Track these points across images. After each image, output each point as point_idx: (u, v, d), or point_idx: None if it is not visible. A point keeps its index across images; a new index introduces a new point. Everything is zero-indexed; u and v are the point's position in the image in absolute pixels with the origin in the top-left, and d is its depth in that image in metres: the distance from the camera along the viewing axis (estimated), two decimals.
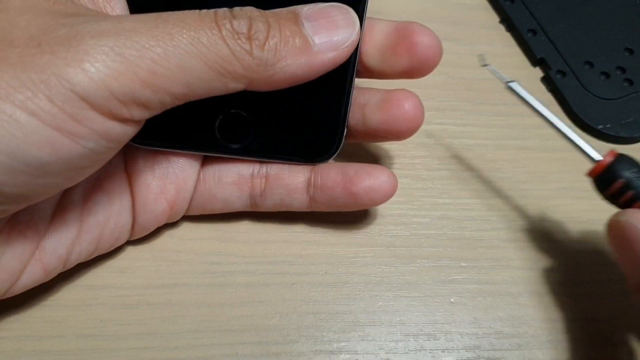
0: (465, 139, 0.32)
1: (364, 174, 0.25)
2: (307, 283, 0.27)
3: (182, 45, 0.19)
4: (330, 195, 0.25)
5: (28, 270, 0.22)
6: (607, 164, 0.23)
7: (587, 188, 0.25)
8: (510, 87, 0.25)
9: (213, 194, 0.26)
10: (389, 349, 0.26)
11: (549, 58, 0.34)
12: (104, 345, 0.25)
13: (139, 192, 0.25)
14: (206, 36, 0.19)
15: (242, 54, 0.20)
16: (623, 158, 0.23)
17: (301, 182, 0.26)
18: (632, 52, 0.34)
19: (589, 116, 0.32)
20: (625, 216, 0.22)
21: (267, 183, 0.26)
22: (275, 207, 0.26)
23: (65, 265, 0.24)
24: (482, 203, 0.30)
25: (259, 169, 0.26)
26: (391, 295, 0.27)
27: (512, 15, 0.36)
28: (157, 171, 0.25)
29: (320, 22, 0.22)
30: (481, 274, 0.28)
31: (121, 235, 0.25)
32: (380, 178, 0.25)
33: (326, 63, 0.22)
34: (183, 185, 0.25)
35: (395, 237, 0.28)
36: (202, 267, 0.27)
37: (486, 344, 0.26)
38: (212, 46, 0.19)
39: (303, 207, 0.26)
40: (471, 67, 0.35)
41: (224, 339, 0.25)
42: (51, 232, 0.22)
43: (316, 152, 0.25)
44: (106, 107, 0.18)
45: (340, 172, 0.25)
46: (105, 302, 0.26)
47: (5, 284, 0.21)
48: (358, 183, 0.25)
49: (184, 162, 0.25)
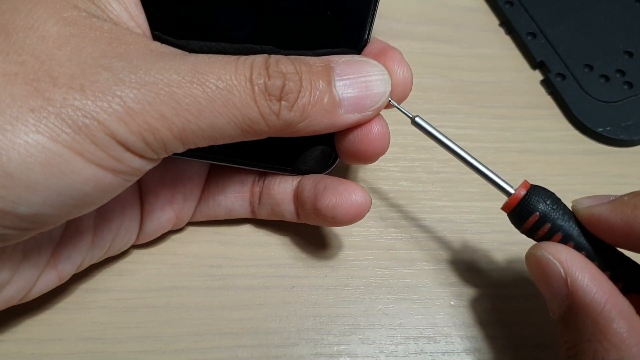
0: (464, 142, 0.31)
1: (331, 190, 0.24)
2: (307, 286, 0.27)
3: (216, 107, 0.19)
4: (305, 209, 0.25)
5: (43, 277, 0.22)
6: (521, 198, 0.22)
7: (587, 190, 0.25)
8: (416, 122, 0.23)
9: (217, 202, 0.26)
10: (389, 352, 0.26)
11: (548, 61, 0.34)
12: (103, 348, 0.25)
13: (148, 201, 0.25)
14: (239, 95, 0.19)
15: (270, 115, 0.20)
16: (537, 190, 0.22)
17: (288, 194, 0.26)
18: (632, 55, 0.34)
19: (588, 119, 0.32)
20: (541, 250, 0.21)
21: (262, 192, 0.26)
22: (269, 216, 0.27)
23: (78, 269, 0.24)
24: (481, 206, 0.30)
25: (258, 179, 0.26)
26: (391, 298, 0.27)
27: (511, 18, 0.36)
28: (167, 181, 0.25)
29: (354, 82, 0.21)
30: (481, 277, 0.28)
31: (129, 241, 0.26)
32: (346, 196, 0.23)
33: (349, 125, 0.22)
34: (190, 194, 0.26)
35: (395, 240, 0.28)
36: (202, 270, 0.27)
37: (486, 346, 0.26)
38: (244, 108, 0.19)
39: (293, 218, 0.26)
40: (471, 70, 0.35)
41: (224, 342, 0.25)
42: (66, 240, 0.23)
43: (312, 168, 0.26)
44: (141, 152, 0.19)
45: (314, 186, 0.24)
46: (105, 305, 0.26)
47: (21, 291, 0.22)
48: (323, 200, 0.24)
49: (192, 172, 0.26)
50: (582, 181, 0.25)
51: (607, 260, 0.21)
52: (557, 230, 0.22)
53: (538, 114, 0.33)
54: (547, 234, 0.22)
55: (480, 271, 0.28)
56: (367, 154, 0.23)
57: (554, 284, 0.21)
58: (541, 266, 0.21)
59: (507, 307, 0.27)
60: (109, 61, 0.18)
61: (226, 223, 0.28)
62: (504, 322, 0.27)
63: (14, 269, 0.21)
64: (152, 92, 0.18)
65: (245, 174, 0.26)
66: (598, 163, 0.32)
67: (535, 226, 0.22)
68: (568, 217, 0.22)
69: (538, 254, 0.21)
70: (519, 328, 0.26)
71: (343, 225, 0.25)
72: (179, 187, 0.25)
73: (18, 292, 0.22)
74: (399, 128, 0.27)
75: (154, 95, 0.18)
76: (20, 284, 0.21)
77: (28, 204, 0.17)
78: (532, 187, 0.22)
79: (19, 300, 0.22)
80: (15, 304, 0.22)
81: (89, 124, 0.17)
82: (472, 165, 0.23)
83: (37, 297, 0.23)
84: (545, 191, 0.22)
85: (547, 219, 0.22)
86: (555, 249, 0.21)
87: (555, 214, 0.22)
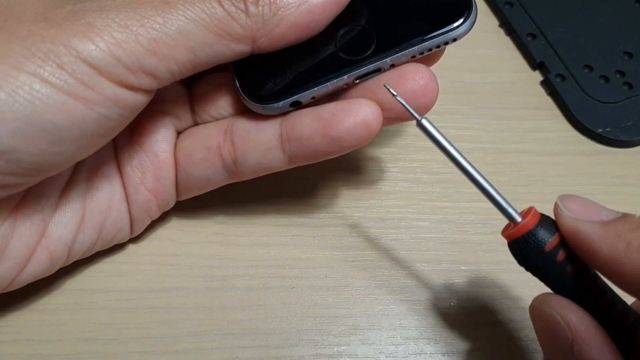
0: (464, 143, 0.32)
1: (341, 112, 0.22)
2: (307, 287, 0.27)
3: (180, 11, 0.19)
4: (309, 146, 0.23)
5: (35, 257, 0.22)
6: (530, 228, 0.19)
7: (587, 191, 0.25)
8: (422, 124, 0.20)
9: (190, 174, 0.25)
10: (389, 352, 0.26)
11: (548, 62, 0.34)
12: (103, 349, 0.25)
13: (126, 182, 0.25)
14: (201, 1, 0.20)
15: (238, 13, 0.20)
16: (546, 221, 0.19)
17: (272, 139, 0.24)
18: (632, 55, 0.34)
19: (588, 120, 0.32)
20: (548, 307, 0.19)
21: (235, 149, 0.24)
22: (255, 172, 0.25)
23: (70, 255, 0.24)
24: (482, 207, 0.30)
25: (224, 138, 0.24)
26: (391, 298, 0.27)
27: (511, 19, 0.36)
28: (134, 161, 0.25)
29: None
30: (481, 278, 0.28)
31: (122, 227, 0.25)
32: (361, 112, 0.22)
33: (328, 5, 0.21)
34: (160, 172, 0.25)
35: (396, 240, 0.28)
36: (202, 270, 0.27)
37: (487, 347, 0.26)
38: (208, 9, 0.20)
39: (284, 165, 0.24)
40: (471, 71, 0.35)
41: (224, 342, 0.25)
42: (57, 217, 0.23)
43: (452, 15, 0.23)
44: (115, 74, 0.19)
45: (315, 117, 0.23)
46: (105, 306, 0.26)
47: (12, 271, 0.22)
48: (338, 125, 0.22)
49: (157, 148, 0.25)
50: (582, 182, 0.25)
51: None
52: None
53: (538, 115, 0.33)
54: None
55: (481, 272, 0.28)
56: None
57: (558, 345, 0.19)
58: (547, 323, 0.20)
59: (507, 308, 0.27)
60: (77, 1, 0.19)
61: (225, 223, 0.28)
62: (504, 322, 0.27)
63: (3, 244, 0.21)
64: (114, 11, 0.19)
65: (207, 137, 0.25)
66: (598, 164, 0.32)
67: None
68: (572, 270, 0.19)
69: (545, 310, 0.20)
70: (519, 329, 0.26)
71: (361, 145, 0.23)
72: (146, 166, 0.25)
73: (8, 271, 0.21)
74: (399, 128, 0.27)
75: (115, 12, 0.19)
76: (10, 262, 0.21)
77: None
78: (543, 217, 0.20)
79: (9, 282, 0.22)
80: (5, 288, 0.22)
81: (54, 48, 0.18)
82: (477, 181, 0.20)
83: (29, 282, 0.23)
84: (554, 223, 0.20)
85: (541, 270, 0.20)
86: (564, 309, 0.19)
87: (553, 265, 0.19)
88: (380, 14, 0.23)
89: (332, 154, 0.23)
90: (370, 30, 0.23)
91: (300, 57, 0.23)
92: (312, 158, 0.24)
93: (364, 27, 0.23)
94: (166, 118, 0.25)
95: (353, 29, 0.23)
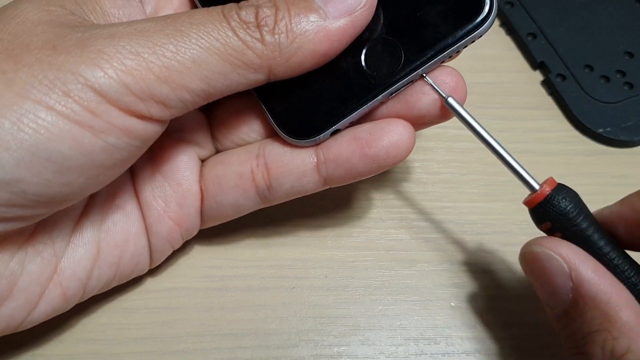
0: (465, 143, 0.32)
1: (379, 132, 0.23)
2: (307, 287, 0.27)
3: (193, 40, 0.19)
4: (346, 167, 0.23)
5: (47, 295, 0.21)
6: (543, 198, 0.22)
7: (588, 191, 0.24)
8: (449, 102, 0.23)
9: (219, 202, 0.24)
10: (389, 353, 0.25)
11: (549, 61, 0.34)
12: (103, 349, 0.25)
13: (146, 213, 0.24)
14: (216, 29, 0.19)
15: (254, 42, 0.20)
16: (560, 192, 0.22)
17: (308, 162, 0.23)
18: (632, 55, 0.34)
19: (589, 119, 0.32)
20: (540, 247, 0.21)
21: (270, 174, 0.24)
22: (288, 196, 0.25)
23: (85, 292, 0.23)
24: (482, 207, 0.30)
25: (257, 163, 0.24)
26: (391, 299, 0.27)
27: (512, 19, 0.36)
28: (156, 190, 0.24)
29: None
30: (481, 278, 0.28)
31: (141, 260, 0.24)
32: (397, 131, 0.23)
33: (345, 30, 0.21)
34: (184, 201, 0.24)
35: (396, 240, 0.28)
36: (202, 271, 0.27)
37: (487, 348, 0.26)
38: (223, 38, 0.19)
39: (318, 187, 0.24)
40: (471, 71, 0.35)
41: (224, 343, 0.25)
42: (70, 253, 0.22)
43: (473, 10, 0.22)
44: (124, 102, 0.18)
45: (352, 137, 0.23)
46: (105, 307, 0.26)
47: (22, 310, 0.21)
48: (376, 144, 0.22)
49: (180, 176, 0.24)
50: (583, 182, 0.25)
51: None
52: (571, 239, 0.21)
53: (538, 115, 0.33)
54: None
55: (481, 272, 0.28)
56: None
57: (557, 280, 0.20)
58: (541, 262, 0.21)
59: (508, 308, 0.27)
60: (84, 27, 0.19)
61: (225, 224, 0.28)
62: (504, 323, 0.26)
63: (12, 281, 0.20)
64: (125, 38, 0.18)
65: (237, 163, 0.24)
66: (598, 164, 0.32)
67: (548, 233, 0.22)
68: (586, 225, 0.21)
69: (537, 250, 0.21)
70: (519, 329, 0.26)
71: (398, 162, 0.23)
72: (170, 195, 0.24)
73: (18, 310, 0.20)
74: None
75: (127, 40, 0.18)
76: (19, 300, 0.20)
77: (0, 163, 0.17)
78: (559, 185, 0.22)
79: (19, 321, 0.21)
80: (15, 328, 0.21)
81: (61, 76, 0.17)
82: (500, 154, 0.23)
83: (42, 321, 0.22)
84: (568, 194, 0.22)
85: (559, 229, 0.21)
86: (555, 244, 0.21)
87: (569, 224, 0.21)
88: (401, 22, 0.23)
89: (369, 173, 0.23)
90: (395, 42, 0.22)
91: (329, 82, 0.23)
92: (349, 179, 0.24)
93: (388, 39, 0.22)
94: (187, 146, 0.24)
95: (377, 44, 0.23)
